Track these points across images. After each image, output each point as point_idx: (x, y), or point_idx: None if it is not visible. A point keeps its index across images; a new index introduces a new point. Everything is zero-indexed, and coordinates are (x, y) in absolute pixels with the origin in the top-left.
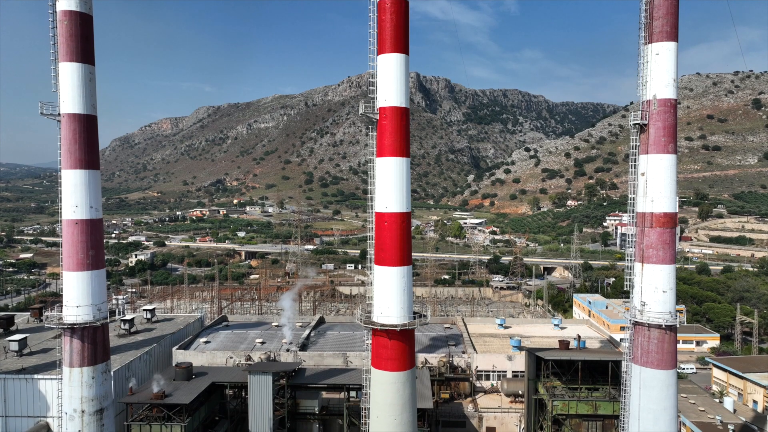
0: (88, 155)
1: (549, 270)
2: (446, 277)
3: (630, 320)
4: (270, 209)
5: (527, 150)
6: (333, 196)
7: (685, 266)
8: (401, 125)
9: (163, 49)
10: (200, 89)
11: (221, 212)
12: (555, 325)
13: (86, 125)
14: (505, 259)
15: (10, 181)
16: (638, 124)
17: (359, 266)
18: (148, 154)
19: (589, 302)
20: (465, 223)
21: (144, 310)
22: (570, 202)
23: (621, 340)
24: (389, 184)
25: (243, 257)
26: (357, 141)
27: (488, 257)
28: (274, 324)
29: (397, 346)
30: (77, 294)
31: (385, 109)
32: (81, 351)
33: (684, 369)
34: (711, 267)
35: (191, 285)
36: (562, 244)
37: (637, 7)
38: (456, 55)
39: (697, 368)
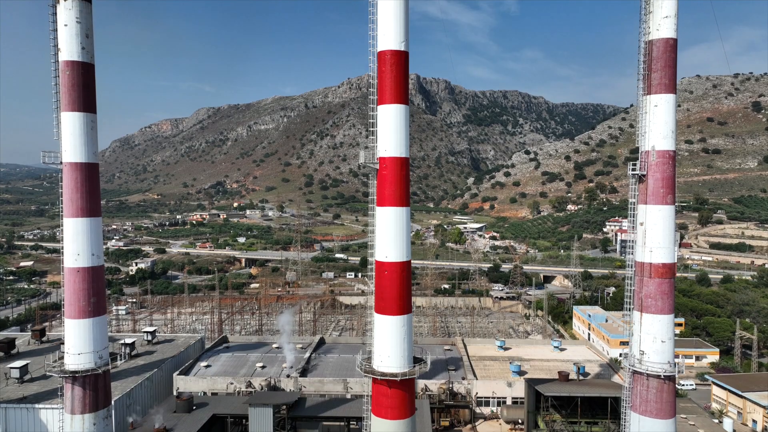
0: (90, 203)
1: (549, 278)
2: (446, 286)
3: (629, 368)
4: (270, 213)
5: (527, 153)
6: (333, 198)
7: (685, 275)
8: (401, 175)
9: (163, 49)
10: (200, 89)
11: (221, 216)
12: (555, 347)
13: (88, 174)
14: (505, 267)
15: (11, 182)
16: (637, 174)
17: (359, 274)
18: (148, 156)
19: (589, 315)
20: (465, 227)
21: (144, 332)
22: (570, 207)
23: (620, 355)
24: (389, 234)
25: (243, 264)
26: (357, 143)
27: (488, 265)
28: (274, 345)
29: (398, 394)
30: (79, 341)
31: (385, 159)
32: (82, 398)
33: (683, 385)
34: (711, 276)
35: (191, 295)
36: (561, 251)
37: (637, 7)
38: (455, 55)
39: (696, 384)
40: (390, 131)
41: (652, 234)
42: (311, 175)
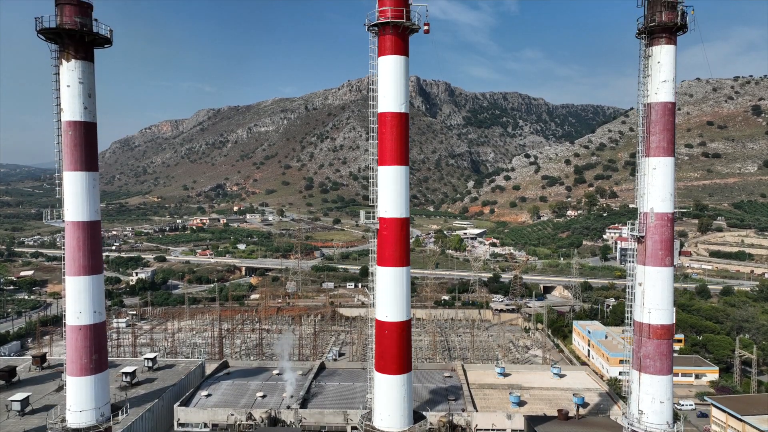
0: (92, 260)
1: (549, 289)
2: (446, 298)
3: (627, 427)
4: (270, 217)
5: (527, 156)
6: (333, 202)
7: (685, 286)
8: (402, 235)
9: (164, 50)
10: (200, 89)
11: (221, 221)
12: (554, 374)
13: (90, 232)
14: (505, 276)
15: (11, 184)
16: (635, 236)
17: (359, 284)
18: (148, 157)
19: (589, 332)
20: (465, 233)
21: (145, 358)
22: (570, 212)
23: (620, 373)
24: (389, 295)
25: (243, 272)
26: (357, 146)
27: (488, 275)
28: (275, 372)
29: None
30: (80, 399)
31: (385, 220)
32: None
33: (683, 406)
34: (710, 287)
35: (192, 306)
36: (561, 259)
37: (638, 6)
38: (455, 55)
39: (696, 404)
40: (390, 192)
41: (651, 295)
42: (311, 178)
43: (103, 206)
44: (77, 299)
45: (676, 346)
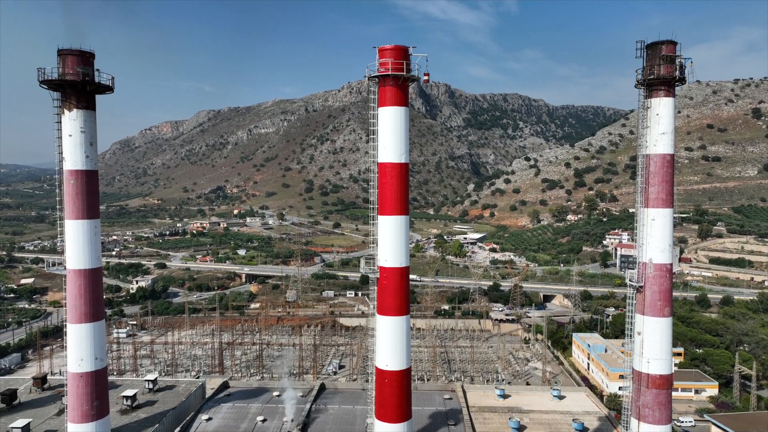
0: (93, 308)
1: (549, 298)
2: (446, 308)
3: None
4: (270, 221)
5: (527, 159)
6: (333, 205)
7: (685, 295)
8: (401, 285)
9: (164, 50)
10: (200, 89)
11: (221, 225)
12: (554, 396)
13: (92, 279)
14: (505, 285)
15: (11, 184)
16: (635, 286)
17: (359, 293)
18: (149, 159)
19: (588, 345)
20: (465, 238)
21: (146, 380)
22: (570, 217)
23: (620, 388)
24: (389, 344)
25: (243, 279)
26: (357, 148)
27: (488, 283)
28: (275, 394)
29: None
30: None
31: (385, 269)
32: None
33: (682, 423)
34: (710, 296)
35: (192, 316)
36: (561, 265)
37: (637, 7)
38: (455, 56)
39: (695, 420)
40: (390, 242)
41: (650, 345)
42: (311, 180)
43: (103, 208)
44: (79, 346)
45: (676, 360)
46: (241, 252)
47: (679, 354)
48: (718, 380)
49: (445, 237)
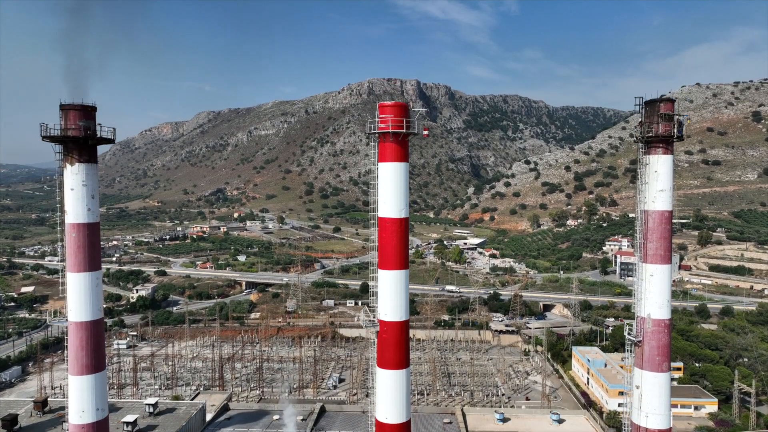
0: (95, 360)
1: (548, 307)
2: (446, 318)
3: None
4: (270, 225)
5: (527, 163)
6: (333, 208)
7: (684, 305)
8: (401, 339)
9: (164, 49)
10: (200, 89)
11: (222, 229)
12: (554, 420)
13: (93, 332)
14: (505, 294)
15: (11, 185)
16: (633, 341)
17: (359, 302)
18: (149, 160)
19: (588, 360)
20: (465, 243)
21: (147, 404)
22: (570, 222)
23: (619, 405)
24: (389, 397)
25: (243, 287)
26: (357, 151)
27: (489, 292)
28: (275, 417)
29: None
30: None
31: (386, 323)
32: None
33: None
34: (710, 306)
35: (192, 326)
36: (561, 272)
37: (637, 7)
38: (455, 56)
39: None
40: (390, 296)
41: (648, 400)
42: (311, 183)
43: (104, 211)
44: (80, 398)
45: (675, 375)
46: (242, 258)
47: (678, 369)
48: (717, 396)
49: (445, 242)
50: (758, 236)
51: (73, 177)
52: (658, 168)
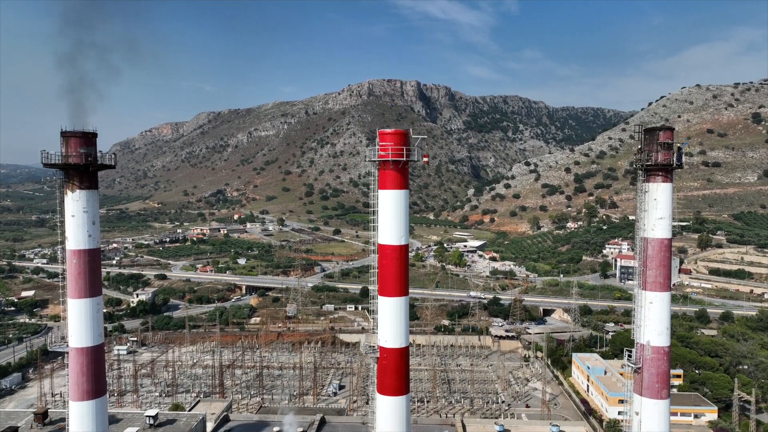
0: (95, 385)
1: (548, 312)
2: (446, 323)
3: None
4: (270, 226)
5: (527, 164)
6: (333, 209)
7: (684, 309)
8: (401, 365)
9: (164, 49)
10: (200, 89)
11: (222, 231)
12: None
13: (94, 357)
14: (505, 298)
15: (11, 186)
16: (633, 367)
17: (359, 306)
18: (149, 161)
19: (588, 367)
20: (465, 246)
21: (147, 416)
22: (570, 224)
23: (619, 413)
24: (390, 422)
25: (244, 291)
26: (357, 152)
27: (489, 296)
28: (275, 429)
29: None
30: None
31: (385, 349)
32: None
33: None
34: (710, 310)
35: (192, 331)
36: (561, 276)
37: (637, 7)
38: (455, 56)
39: None
40: (390, 323)
41: (648, 426)
42: (311, 184)
43: (104, 212)
44: (81, 423)
45: (675, 382)
46: (242, 261)
47: (678, 376)
48: (717, 404)
49: (445, 245)
50: (758, 239)
51: (74, 204)
52: (658, 196)
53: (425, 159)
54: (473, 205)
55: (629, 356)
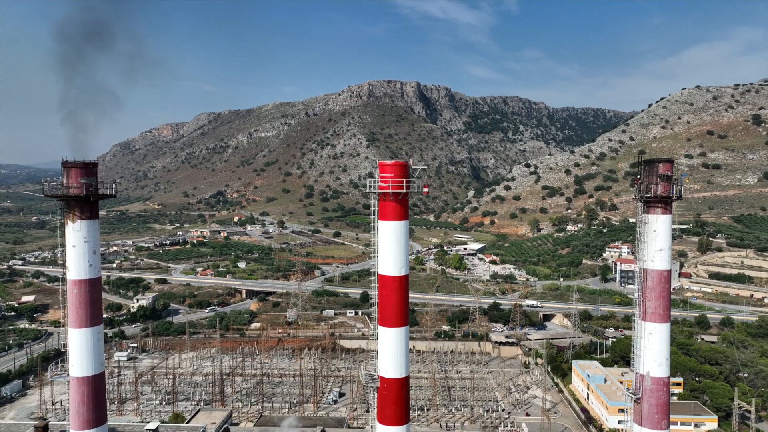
0: (96, 414)
1: (548, 317)
2: (446, 328)
3: None
4: (270, 229)
5: (527, 166)
6: (333, 211)
7: (684, 315)
8: (402, 395)
9: (164, 48)
10: (200, 89)
11: (222, 234)
12: None
13: (95, 386)
14: (505, 303)
15: (11, 187)
16: (632, 397)
17: (359, 311)
18: (149, 161)
19: (588, 375)
20: (465, 248)
21: (147, 429)
22: (570, 227)
23: (619, 422)
24: None
25: (244, 295)
26: (357, 153)
27: (489, 301)
28: None
29: None
30: None
31: (385, 379)
32: None
33: None
34: (710, 315)
35: (192, 337)
36: (561, 280)
37: (637, 7)
38: (455, 56)
39: None
40: (390, 354)
41: None
42: (311, 186)
43: (104, 213)
44: None
45: (675, 390)
46: (242, 265)
47: (678, 384)
48: (717, 413)
49: (445, 248)
50: (758, 243)
51: (75, 234)
52: (657, 228)
53: (425, 190)
54: (473, 207)
55: (629, 389)
